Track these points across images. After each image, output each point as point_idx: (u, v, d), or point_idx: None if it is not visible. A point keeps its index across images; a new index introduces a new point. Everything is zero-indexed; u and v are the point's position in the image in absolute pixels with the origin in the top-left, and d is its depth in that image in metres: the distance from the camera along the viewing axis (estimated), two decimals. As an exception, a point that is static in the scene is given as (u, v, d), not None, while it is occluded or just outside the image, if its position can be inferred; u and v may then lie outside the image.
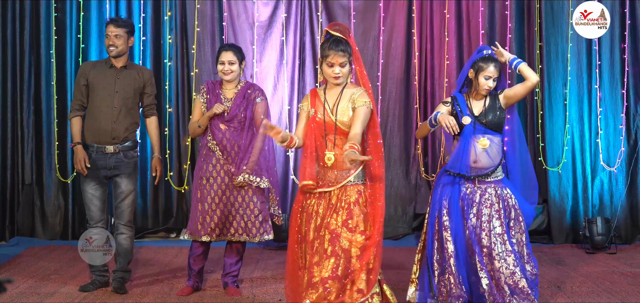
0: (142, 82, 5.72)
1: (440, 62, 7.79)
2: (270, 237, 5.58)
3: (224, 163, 5.49)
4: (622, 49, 7.67)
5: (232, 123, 5.49)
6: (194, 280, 5.64)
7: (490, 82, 5.05)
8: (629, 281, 6.01)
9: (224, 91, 5.56)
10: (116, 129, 5.58)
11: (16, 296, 5.52)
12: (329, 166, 4.55)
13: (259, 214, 5.51)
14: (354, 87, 4.63)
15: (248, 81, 5.71)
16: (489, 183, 5.03)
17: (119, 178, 5.64)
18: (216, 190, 5.50)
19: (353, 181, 4.56)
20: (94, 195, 5.62)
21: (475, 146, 5.01)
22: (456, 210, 5.01)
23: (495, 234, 4.96)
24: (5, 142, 7.61)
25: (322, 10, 7.79)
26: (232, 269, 5.65)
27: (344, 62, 4.57)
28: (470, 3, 7.79)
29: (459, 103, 5.10)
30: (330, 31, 4.65)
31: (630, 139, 7.69)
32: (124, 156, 5.62)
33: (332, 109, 4.59)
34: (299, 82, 7.84)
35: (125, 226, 5.68)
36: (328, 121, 4.58)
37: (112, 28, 5.62)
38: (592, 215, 7.61)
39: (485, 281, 4.91)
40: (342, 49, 4.55)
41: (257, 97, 5.54)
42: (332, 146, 4.56)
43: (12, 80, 7.63)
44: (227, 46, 5.62)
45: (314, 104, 4.65)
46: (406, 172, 7.89)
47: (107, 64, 5.67)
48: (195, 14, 7.72)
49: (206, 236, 5.50)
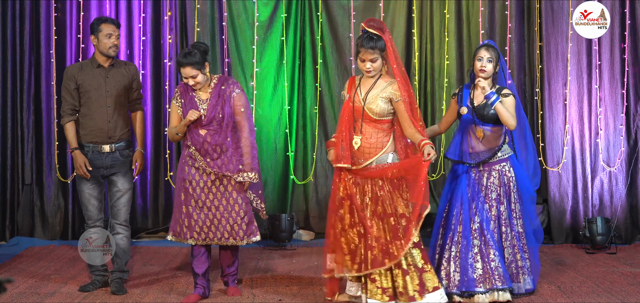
0: (130, 78, 5.72)
1: (440, 62, 7.78)
2: (257, 238, 5.43)
3: (206, 166, 5.32)
4: (622, 49, 7.67)
5: (211, 126, 5.31)
6: (201, 287, 5.48)
7: (484, 63, 5.29)
8: (629, 281, 6.01)
9: (198, 93, 5.36)
10: (111, 128, 5.58)
11: (16, 296, 5.52)
12: (355, 150, 5.05)
13: (245, 216, 5.37)
14: (389, 79, 5.08)
15: (221, 76, 5.45)
16: (493, 165, 5.35)
17: (115, 176, 5.64)
18: (199, 194, 5.36)
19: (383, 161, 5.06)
20: (91, 195, 5.62)
21: (472, 134, 5.31)
22: (464, 197, 5.31)
23: (500, 218, 5.30)
24: (5, 142, 7.61)
25: (322, 10, 7.79)
26: (230, 270, 5.60)
27: (375, 58, 4.99)
28: (470, 3, 7.79)
29: (462, 94, 5.44)
30: (366, 27, 5.03)
31: (630, 139, 7.69)
32: (120, 154, 5.63)
33: (364, 96, 5.05)
34: (299, 82, 7.84)
35: (122, 226, 5.67)
36: (358, 106, 5.07)
37: (113, 28, 5.61)
38: (592, 215, 7.61)
39: (479, 265, 5.19)
40: (372, 46, 4.96)
41: (232, 92, 5.34)
42: (359, 131, 5.06)
43: (12, 80, 7.63)
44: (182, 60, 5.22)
45: (349, 90, 5.15)
46: (406, 172, 7.89)
47: (94, 65, 5.64)
48: (195, 14, 7.72)
49: (192, 240, 5.39)
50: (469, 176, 5.36)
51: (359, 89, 5.10)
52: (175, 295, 5.60)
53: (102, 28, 5.59)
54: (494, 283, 5.19)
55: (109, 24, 5.62)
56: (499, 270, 5.20)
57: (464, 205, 5.30)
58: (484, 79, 5.33)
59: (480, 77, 5.34)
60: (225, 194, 5.35)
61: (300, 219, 7.85)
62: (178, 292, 5.69)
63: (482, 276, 5.19)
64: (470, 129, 5.37)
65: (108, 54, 5.62)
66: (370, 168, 5.08)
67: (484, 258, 5.22)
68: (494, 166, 5.36)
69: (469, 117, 5.35)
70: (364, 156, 5.09)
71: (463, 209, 5.29)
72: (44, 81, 7.66)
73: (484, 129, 5.33)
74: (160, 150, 7.81)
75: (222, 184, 5.35)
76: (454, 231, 5.29)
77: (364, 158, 5.09)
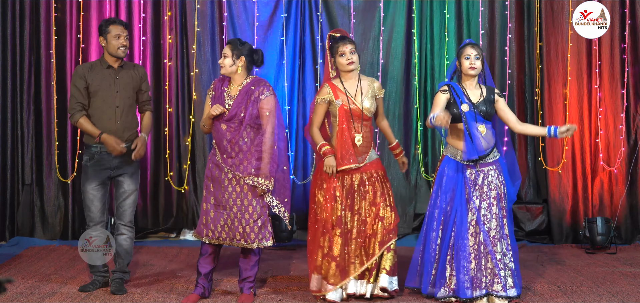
0: (139, 80, 5.73)
1: (440, 62, 7.78)
2: (268, 244, 5.30)
3: (223, 164, 5.31)
4: (622, 49, 7.67)
5: (231, 123, 5.28)
6: (201, 287, 5.45)
7: (472, 61, 5.30)
8: (629, 281, 6.01)
9: (229, 89, 5.36)
10: (120, 129, 5.58)
11: (16, 296, 5.52)
12: (357, 147, 5.36)
13: (258, 219, 5.26)
14: (367, 78, 5.50)
15: (256, 77, 5.40)
16: (490, 165, 5.32)
17: (122, 177, 5.64)
18: (213, 192, 5.35)
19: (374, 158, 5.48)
20: (95, 196, 5.61)
21: (477, 130, 5.28)
22: (461, 198, 5.28)
23: (496, 218, 5.26)
24: (5, 142, 7.61)
25: (322, 10, 7.79)
26: (248, 274, 5.43)
27: (353, 49, 5.39)
28: (470, 3, 7.79)
29: (456, 91, 5.36)
30: (333, 34, 5.50)
31: (630, 139, 7.68)
32: (128, 155, 5.62)
33: (355, 98, 5.39)
34: (299, 82, 7.84)
35: (126, 227, 5.67)
36: (354, 108, 5.37)
37: (121, 28, 5.60)
38: (592, 215, 7.61)
39: (473, 264, 5.20)
40: (349, 40, 5.41)
41: (262, 93, 5.27)
42: (359, 129, 5.38)
43: (12, 80, 7.63)
44: (230, 39, 5.49)
45: (337, 96, 5.40)
46: (406, 172, 7.88)
47: (103, 66, 5.64)
48: (195, 14, 7.72)
49: (206, 238, 5.37)
50: (465, 176, 5.31)
51: (348, 92, 5.40)
52: (175, 295, 5.60)
53: (110, 29, 5.58)
54: (492, 284, 5.17)
55: (117, 25, 5.61)
56: (494, 272, 5.18)
57: (462, 205, 5.27)
58: (473, 77, 5.33)
59: (469, 75, 5.33)
60: (240, 194, 5.28)
61: (300, 219, 7.85)
62: (178, 292, 5.69)
63: (479, 278, 5.17)
64: (471, 126, 5.31)
65: (117, 55, 5.61)
66: (367, 163, 5.43)
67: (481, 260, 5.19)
68: (489, 167, 5.32)
69: (471, 114, 5.29)
70: (360, 154, 5.40)
71: (460, 209, 5.26)
72: (44, 81, 7.66)
73: (485, 125, 5.32)
74: (160, 150, 7.81)
75: (239, 185, 5.28)
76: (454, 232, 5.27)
77: (362, 155, 5.41)
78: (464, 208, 5.27)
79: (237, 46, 5.34)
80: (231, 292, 5.66)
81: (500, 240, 5.25)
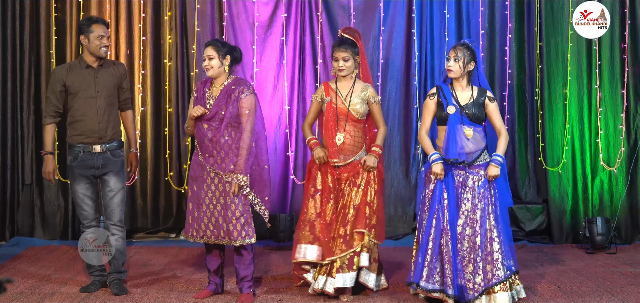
0: (120, 78, 5.71)
1: (440, 62, 7.78)
2: (252, 241, 5.33)
3: (205, 163, 5.34)
4: (622, 49, 7.67)
5: (212, 122, 5.32)
6: (213, 284, 5.54)
7: (450, 62, 5.28)
8: (629, 281, 6.01)
9: (211, 90, 5.42)
10: (103, 128, 5.56)
11: (16, 296, 5.52)
12: (338, 146, 5.53)
13: (240, 216, 5.29)
14: (363, 83, 5.63)
15: (237, 77, 5.46)
16: (480, 167, 5.28)
17: (107, 176, 5.60)
18: (196, 191, 5.39)
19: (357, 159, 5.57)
20: (85, 195, 5.60)
21: (462, 133, 5.24)
22: (452, 199, 5.25)
23: (487, 218, 5.22)
24: (5, 142, 7.61)
25: (322, 10, 7.79)
26: (245, 273, 5.46)
27: (347, 57, 5.54)
28: (470, 3, 7.79)
29: (444, 93, 5.36)
30: (342, 34, 5.66)
31: (630, 139, 7.69)
32: (111, 154, 5.60)
33: (345, 98, 5.56)
34: (299, 82, 7.84)
35: (116, 226, 5.63)
36: (341, 107, 5.55)
37: (105, 29, 5.59)
38: (592, 215, 7.61)
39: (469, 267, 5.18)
40: (345, 47, 5.56)
41: (242, 93, 5.32)
42: (342, 129, 5.53)
43: (12, 80, 7.63)
44: (209, 41, 5.47)
45: (328, 94, 5.61)
46: (406, 172, 7.89)
47: (82, 65, 5.60)
48: (195, 14, 7.72)
49: (191, 237, 5.44)
50: (454, 178, 5.27)
51: (339, 92, 5.59)
52: (176, 295, 5.60)
53: (93, 29, 5.55)
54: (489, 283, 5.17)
55: (101, 25, 5.58)
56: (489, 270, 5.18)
57: (451, 207, 5.23)
58: (455, 79, 5.31)
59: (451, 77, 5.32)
60: (223, 193, 5.32)
61: (300, 219, 7.85)
62: (178, 292, 5.69)
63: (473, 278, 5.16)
64: (459, 128, 5.26)
65: (98, 55, 5.57)
66: (353, 163, 5.56)
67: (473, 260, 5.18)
68: (479, 168, 5.28)
69: (455, 116, 5.25)
70: (347, 152, 5.56)
71: (449, 211, 5.22)
72: (44, 81, 7.66)
73: (474, 128, 5.28)
74: (160, 150, 7.81)
75: (221, 183, 5.32)
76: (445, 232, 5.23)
77: (348, 154, 5.56)
78: (453, 209, 5.23)
79: (219, 46, 5.39)
80: (231, 292, 5.66)
81: (491, 241, 5.21)
